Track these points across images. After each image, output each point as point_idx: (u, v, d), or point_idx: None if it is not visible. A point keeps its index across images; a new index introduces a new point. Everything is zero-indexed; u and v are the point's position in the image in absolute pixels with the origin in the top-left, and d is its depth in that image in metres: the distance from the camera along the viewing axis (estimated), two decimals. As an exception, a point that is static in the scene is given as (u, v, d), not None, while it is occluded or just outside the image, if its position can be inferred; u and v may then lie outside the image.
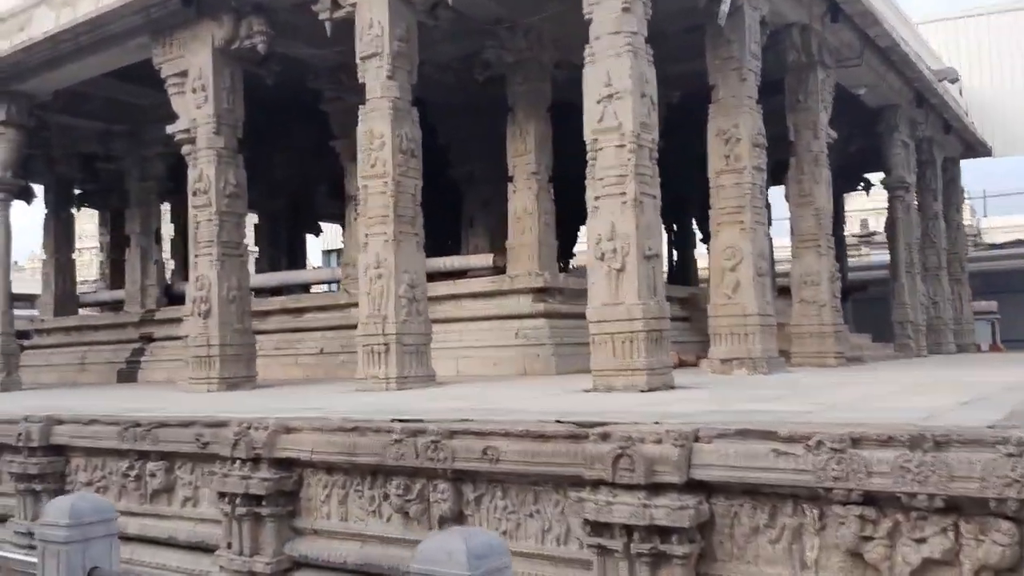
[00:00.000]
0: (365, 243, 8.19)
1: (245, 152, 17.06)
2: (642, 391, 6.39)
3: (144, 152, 14.60)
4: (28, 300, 34.45)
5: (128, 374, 13.72)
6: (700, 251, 17.49)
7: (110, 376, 13.98)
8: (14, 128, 12.22)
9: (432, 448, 4.49)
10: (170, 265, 16.74)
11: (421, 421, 4.74)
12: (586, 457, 3.94)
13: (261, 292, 14.43)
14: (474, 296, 10.45)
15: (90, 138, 14.73)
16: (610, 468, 3.81)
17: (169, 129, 10.08)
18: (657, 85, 7.14)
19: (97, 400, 8.91)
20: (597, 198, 6.77)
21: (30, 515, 6.55)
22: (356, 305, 11.41)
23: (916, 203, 15.60)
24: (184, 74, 9.85)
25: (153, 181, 14.60)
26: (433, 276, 11.99)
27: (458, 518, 4.53)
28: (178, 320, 13.55)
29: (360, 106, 8.37)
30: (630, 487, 3.77)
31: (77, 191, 16.77)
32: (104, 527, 4.20)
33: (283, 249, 17.89)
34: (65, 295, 16.17)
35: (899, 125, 14.57)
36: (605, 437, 3.92)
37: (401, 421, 4.82)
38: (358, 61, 8.36)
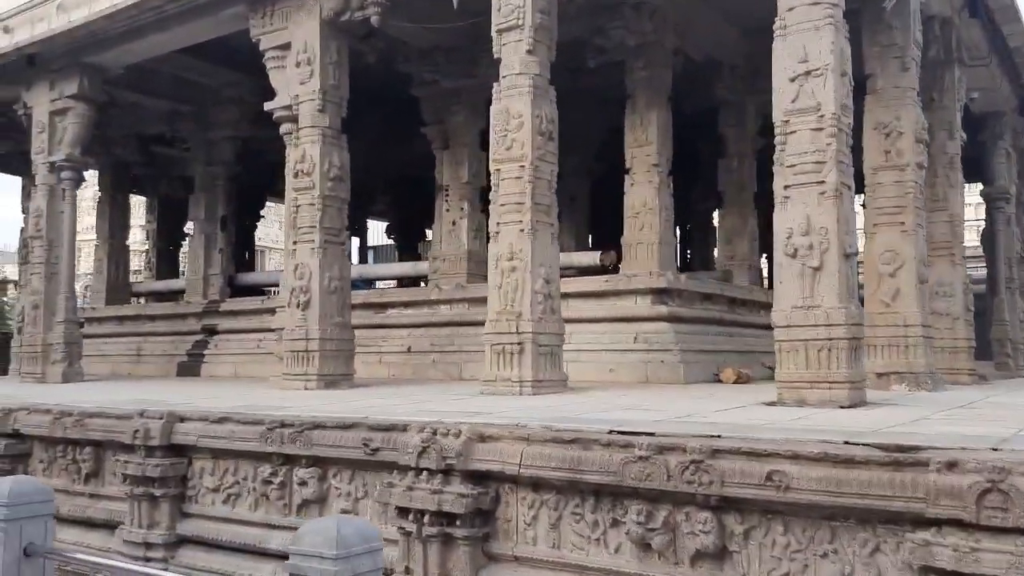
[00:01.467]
0: (496, 232, 7.46)
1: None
2: (842, 407, 5.64)
3: (210, 135, 13.90)
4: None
5: (190, 367, 13.02)
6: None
7: (169, 369, 13.29)
8: (85, 103, 11.56)
9: (691, 469, 3.74)
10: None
11: (653, 435, 4.01)
12: (926, 489, 3.20)
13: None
14: (583, 296, 9.69)
15: (156, 118, 14.06)
16: (973, 506, 3.06)
17: (267, 106, 9.39)
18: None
19: (181, 394, 8.18)
20: (787, 187, 6.03)
21: (146, 523, 5.82)
22: (447, 302, 10.82)
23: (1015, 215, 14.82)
24: (286, 47, 9.15)
25: (220, 165, 13.89)
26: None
27: (719, 554, 3.80)
28: (245, 312, 12.92)
29: (495, 84, 7.65)
30: (1004, 531, 3.02)
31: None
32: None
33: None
34: (118, 283, 15.51)
35: (1004, 133, 13.79)
36: (952, 466, 3.17)
37: (626, 433, 4.09)
38: (493, 34, 7.64)
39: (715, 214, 14.39)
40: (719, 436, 3.89)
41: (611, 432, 4.20)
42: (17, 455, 6.88)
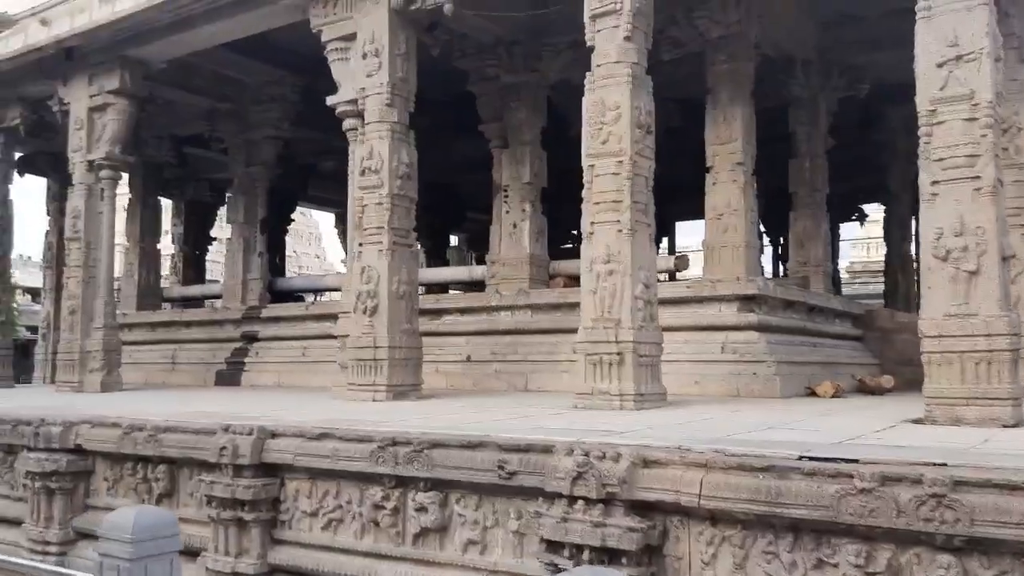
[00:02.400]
0: (591, 233, 6.92)
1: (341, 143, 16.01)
2: (1005, 426, 5.09)
3: (250, 135, 13.37)
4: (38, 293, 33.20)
5: (229, 376, 12.47)
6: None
7: (206, 377, 12.74)
8: (126, 99, 11.05)
9: (929, 505, 3.19)
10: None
11: (859, 462, 3.46)
12: None
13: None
14: (661, 303, 9.13)
15: (194, 116, 13.55)
16: None
17: (330, 100, 8.84)
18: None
19: (242, 405, 7.63)
20: (935, 183, 5.49)
21: (233, 550, 5.27)
22: (508, 308, 10.26)
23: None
24: (350, 38, 8.63)
25: (259, 166, 13.35)
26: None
27: (963, 605, 3.24)
28: (288, 319, 12.39)
29: (587, 73, 7.11)
30: None
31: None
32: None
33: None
34: (149, 288, 14.98)
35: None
36: None
37: (828, 460, 3.54)
38: (586, 21, 7.10)
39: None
40: (944, 464, 3.35)
41: (801, 458, 3.65)
42: (78, 472, 6.34)
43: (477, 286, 11.49)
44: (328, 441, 5.04)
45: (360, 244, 8.39)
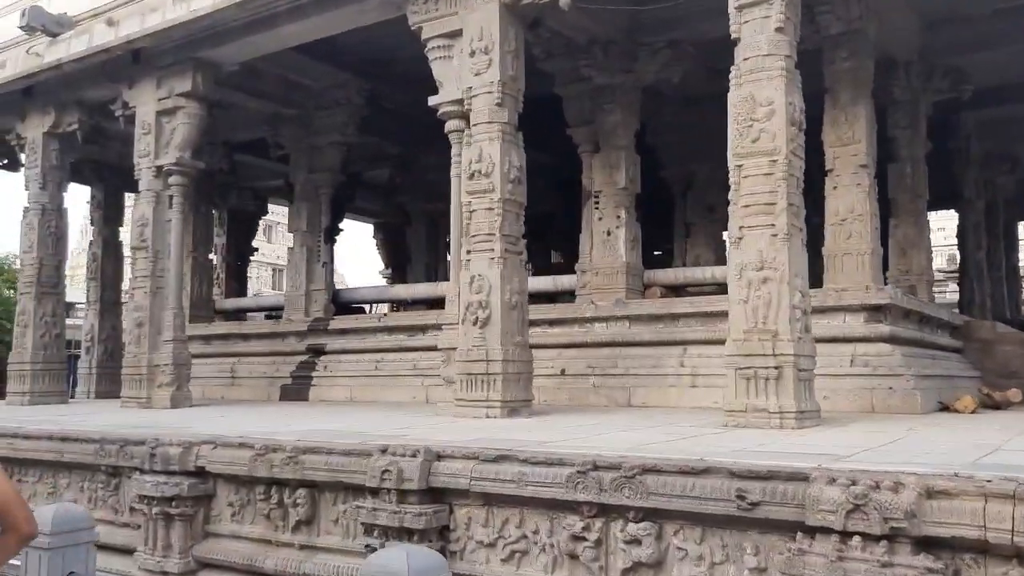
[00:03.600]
0: (739, 237, 6.46)
1: (397, 149, 15.59)
2: None
3: (314, 140, 12.94)
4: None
5: (296, 391, 11.98)
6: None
7: (270, 392, 12.25)
8: (197, 102, 10.64)
9: None
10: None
11: None
12: None
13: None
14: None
15: (257, 121, 13.12)
16: None
17: (433, 100, 8.41)
18: None
19: (344, 422, 7.15)
20: None
21: (398, 584, 4.76)
22: (604, 319, 9.78)
23: None
24: (455, 35, 8.20)
25: (323, 173, 12.90)
26: (677, 289, 10.33)
27: None
28: (358, 331, 11.93)
29: (731, 68, 6.67)
30: None
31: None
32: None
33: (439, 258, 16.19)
34: (201, 299, 14.52)
35: None
36: None
37: None
38: (731, 10, 6.67)
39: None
40: None
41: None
42: (199, 497, 5.84)
43: (561, 297, 11.02)
44: (509, 464, 4.55)
45: (468, 252, 7.92)
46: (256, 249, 19.67)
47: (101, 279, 15.31)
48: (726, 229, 14.19)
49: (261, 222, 19.18)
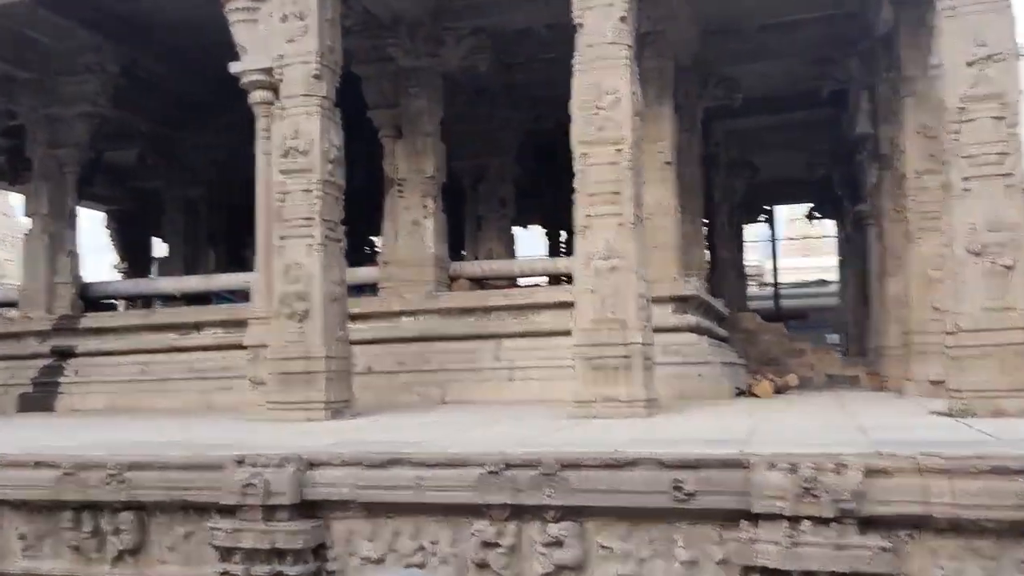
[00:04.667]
0: (585, 227, 6.39)
1: (149, 127, 14.06)
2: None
3: (56, 111, 11.22)
4: None
5: (39, 400, 10.30)
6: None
7: (3, 403, 10.44)
8: None
9: None
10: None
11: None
12: None
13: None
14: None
15: None
16: None
17: (234, 67, 7.55)
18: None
19: (104, 437, 6.17)
20: (967, 179, 5.57)
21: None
22: (412, 313, 9.36)
23: None
24: (262, -4, 7.40)
25: (72, 148, 11.23)
26: (482, 283, 10.16)
27: None
28: (118, 330, 10.53)
29: (575, 54, 6.57)
30: None
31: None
32: None
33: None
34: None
35: None
36: None
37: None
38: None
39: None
40: None
41: None
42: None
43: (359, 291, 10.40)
44: (401, 468, 4.06)
45: (281, 238, 7.17)
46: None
47: None
48: (517, 224, 14.40)
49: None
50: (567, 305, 8.71)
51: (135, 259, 19.21)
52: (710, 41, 10.84)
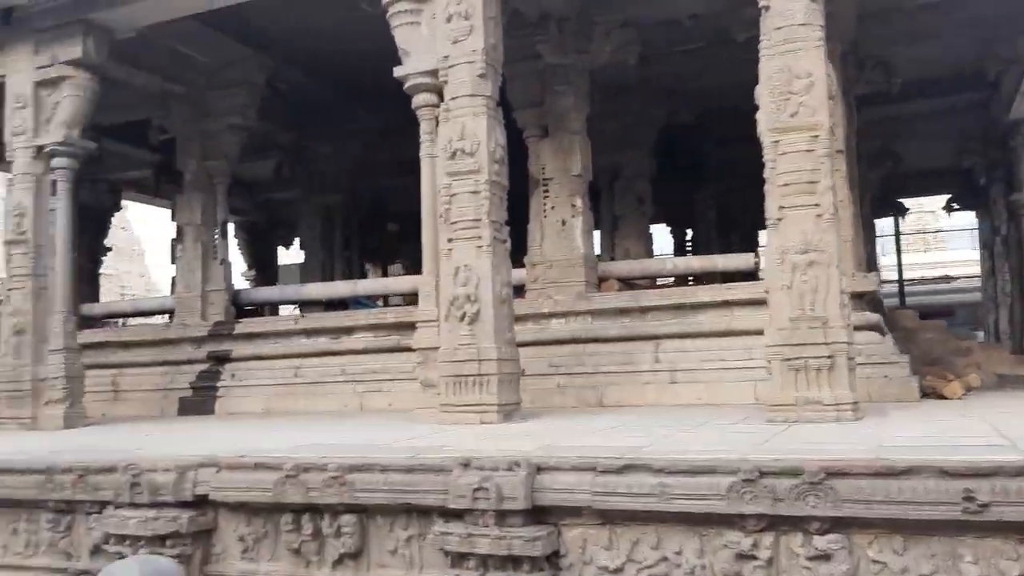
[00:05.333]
0: (779, 219, 6.07)
1: (287, 137, 14.34)
2: None
3: (206, 124, 11.54)
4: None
5: (199, 404, 10.57)
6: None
7: (165, 406, 10.76)
8: (88, 72, 9.21)
9: None
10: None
11: None
12: None
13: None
14: (750, 304, 8.39)
15: (138, 100, 11.55)
16: None
17: (399, 71, 7.51)
18: None
19: (288, 438, 6.14)
20: None
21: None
22: (561, 315, 9.18)
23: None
24: (426, -2, 7.35)
25: (222, 160, 11.53)
26: (631, 283, 9.92)
27: None
28: (272, 335, 10.71)
29: (762, 37, 6.27)
30: None
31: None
32: None
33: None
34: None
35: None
36: None
37: None
38: (759, -21, 6.26)
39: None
40: None
41: None
42: (198, 532, 4.73)
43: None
44: (640, 475, 3.86)
45: (450, 240, 7.10)
46: (110, 249, 17.66)
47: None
48: (655, 221, 14.11)
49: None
50: (731, 304, 8.49)
51: (263, 268, 19.79)
52: (867, 23, 10.33)
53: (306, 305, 12.47)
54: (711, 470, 3.75)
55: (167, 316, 12.62)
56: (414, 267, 15.20)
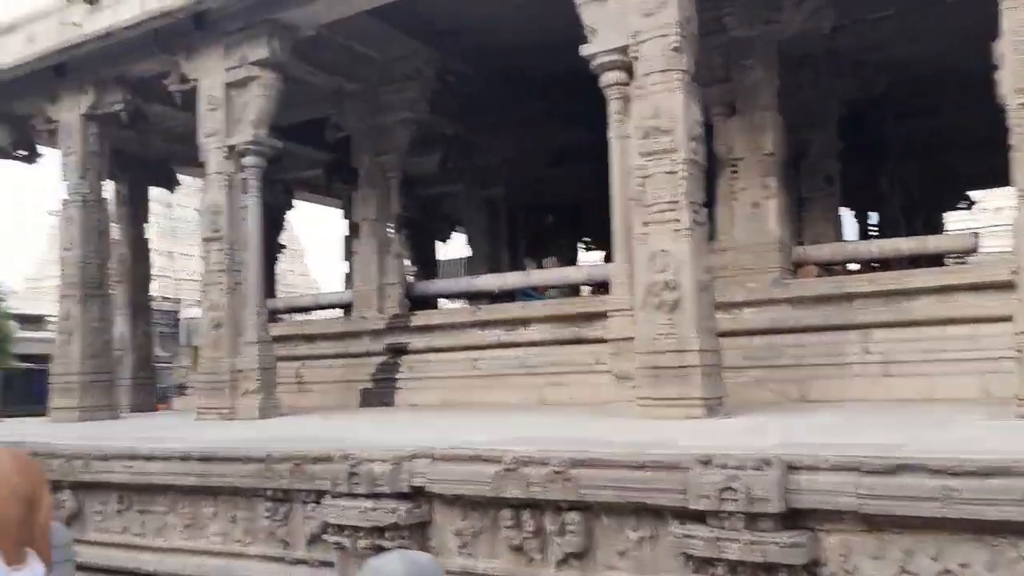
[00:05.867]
0: (1025, 191, 5.36)
1: (453, 130, 14.35)
2: None
3: (378, 120, 11.66)
4: (35, 322, 30.88)
5: (378, 396, 10.72)
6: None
7: (346, 398, 10.99)
8: (273, 71, 9.42)
9: None
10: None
11: None
12: None
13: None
14: (973, 289, 7.62)
15: (314, 99, 11.83)
16: None
17: (585, 50, 7.23)
18: None
19: (485, 430, 5.93)
20: None
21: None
22: (755, 304, 8.63)
23: None
24: (617, -29, 7.03)
25: (394, 154, 11.63)
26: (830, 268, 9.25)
27: None
28: (447, 327, 10.69)
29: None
30: None
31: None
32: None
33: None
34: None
35: None
36: None
37: None
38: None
39: None
40: None
41: None
42: (415, 525, 4.62)
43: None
44: (916, 477, 3.40)
45: (645, 224, 6.76)
46: (284, 246, 18.36)
47: (132, 281, 13.94)
48: (843, 204, 13.25)
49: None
50: (952, 290, 7.72)
51: (424, 263, 20.06)
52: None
53: (474, 298, 12.44)
54: (1004, 472, 3.25)
55: (341, 311, 12.91)
56: (566, 261, 14.96)
